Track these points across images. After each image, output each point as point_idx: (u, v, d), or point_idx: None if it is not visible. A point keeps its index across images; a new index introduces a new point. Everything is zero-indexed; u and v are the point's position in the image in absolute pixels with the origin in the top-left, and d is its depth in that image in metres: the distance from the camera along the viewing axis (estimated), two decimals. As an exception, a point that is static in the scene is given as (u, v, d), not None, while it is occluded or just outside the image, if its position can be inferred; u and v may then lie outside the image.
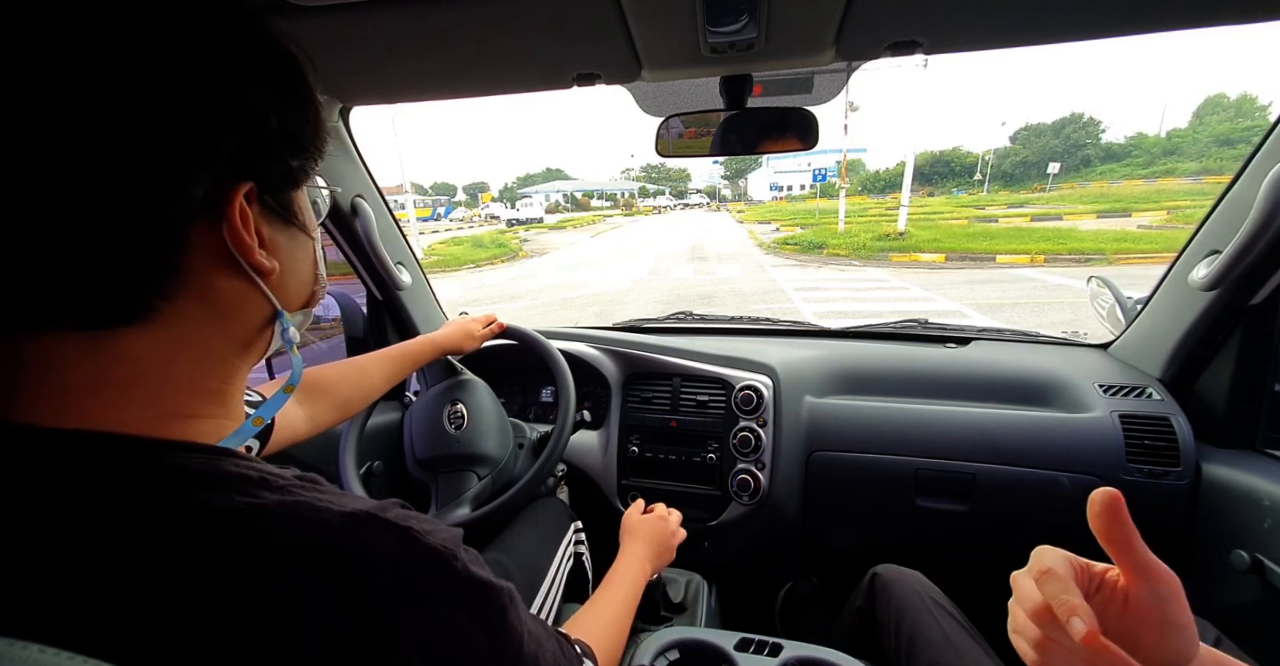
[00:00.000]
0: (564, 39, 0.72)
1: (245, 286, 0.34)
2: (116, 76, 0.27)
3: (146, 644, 0.25)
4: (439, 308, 1.48)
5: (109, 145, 0.27)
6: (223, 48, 0.31)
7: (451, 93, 0.92)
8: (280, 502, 0.30)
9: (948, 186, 39.88)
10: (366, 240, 1.16)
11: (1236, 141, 32.58)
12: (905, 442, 1.12)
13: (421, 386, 1.15)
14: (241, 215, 0.32)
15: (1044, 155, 37.81)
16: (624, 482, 1.27)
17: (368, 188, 1.17)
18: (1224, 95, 46.35)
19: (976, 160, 43.02)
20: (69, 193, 0.26)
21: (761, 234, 18.90)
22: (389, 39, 0.72)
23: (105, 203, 0.27)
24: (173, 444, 0.31)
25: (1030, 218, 18.13)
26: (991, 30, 0.71)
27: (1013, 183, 37.35)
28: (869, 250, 12.07)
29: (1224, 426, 1.00)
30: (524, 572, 0.89)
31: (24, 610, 0.25)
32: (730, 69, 0.81)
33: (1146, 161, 35.64)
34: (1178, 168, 31.47)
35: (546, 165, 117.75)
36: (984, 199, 26.97)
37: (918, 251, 11.39)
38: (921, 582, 0.89)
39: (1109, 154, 40.17)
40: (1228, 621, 0.75)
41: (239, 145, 0.31)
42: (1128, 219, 17.00)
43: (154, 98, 0.28)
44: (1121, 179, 32.10)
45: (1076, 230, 12.95)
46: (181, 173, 0.29)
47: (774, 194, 59.20)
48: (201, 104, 0.29)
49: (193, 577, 0.26)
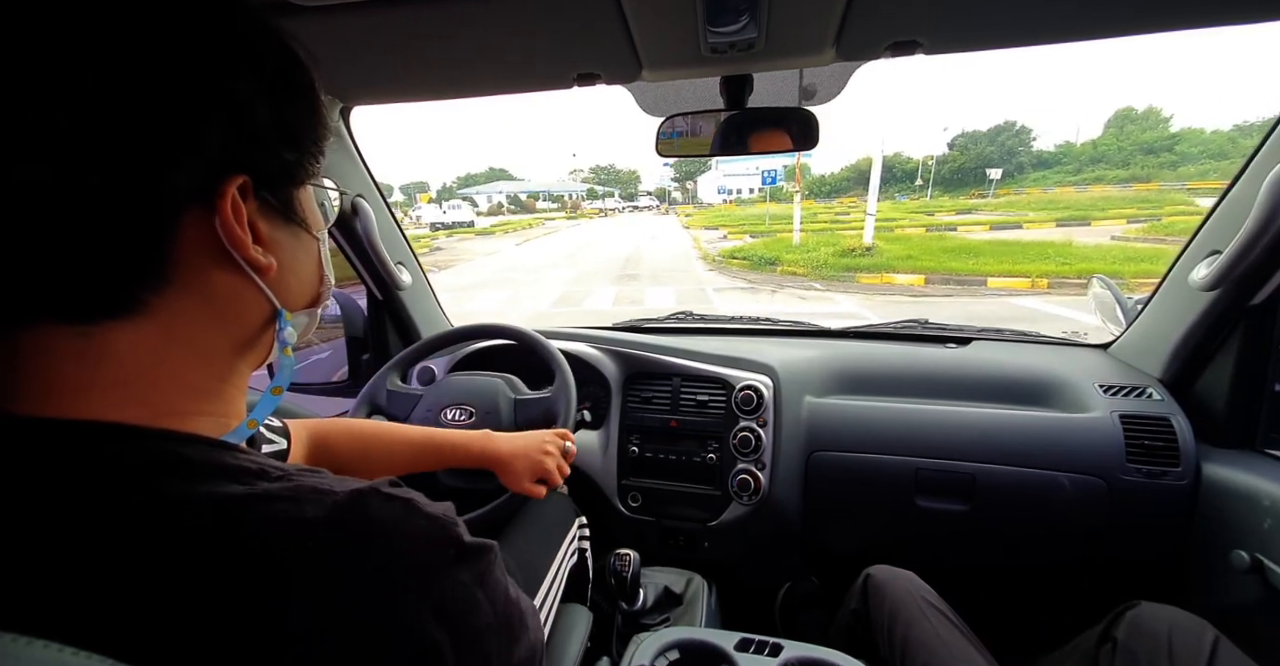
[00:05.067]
0: (564, 39, 0.72)
1: (241, 283, 0.34)
2: (94, 61, 0.27)
3: (157, 634, 0.25)
4: (439, 308, 1.48)
5: (87, 131, 0.26)
6: (207, 36, 0.30)
7: (452, 93, 0.92)
8: (283, 487, 0.30)
9: (891, 192, 40.64)
10: (367, 240, 1.16)
11: (1159, 150, 33.56)
12: (905, 443, 1.12)
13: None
14: (234, 208, 0.31)
15: (981, 161, 38.96)
16: (624, 482, 1.27)
17: (368, 187, 1.17)
18: (1132, 108, 48.13)
19: (918, 166, 43.89)
20: (46, 179, 0.26)
21: (708, 242, 16.68)
22: (389, 39, 0.72)
23: (84, 190, 0.27)
24: (175, 434, 0.31)
25: (990, 226, 16.68)
26: (991, 30, 0.71)
27: (953, 188, 38.19)
28: (831, 269, 9.88)
29: (1224, 426, 1.00)
30: (524, 569, 0.89)
31: (27, 604, 0.25)
32: (730, 69, 0.81)
33: (1076, 168, 36.84)
34: (1106, 175, 32.34)
35: (490, 165, 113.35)
36: (930, 204, 26.84)
37: (890, 272, 9.32)
38: (915, 583, 0.89)
39: (1040, 161, 41.65)
40: (1228, 621, 0.75)
41: (228, 136, 0.31)
42: (1088, 227, 15.75)
43: (132, 83, 0.27)
44: (1054, 185, 32.70)
45: (1073, 245, 10.84)
46: (162, 160, 0.29)
47: (723, 197, 58.18)
48: (182, 91, 0.29)
49: (202, 561, 0.27)
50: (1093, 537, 1.04)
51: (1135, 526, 1.01)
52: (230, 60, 0.31)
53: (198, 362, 0.34)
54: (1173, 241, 11.41)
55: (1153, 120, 40.40)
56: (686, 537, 1.25)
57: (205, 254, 0.32)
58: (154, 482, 0.28)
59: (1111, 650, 0.74)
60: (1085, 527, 1.03)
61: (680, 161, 54.23)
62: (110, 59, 0.27)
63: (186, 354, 0.33)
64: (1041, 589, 1.22)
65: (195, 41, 0.30)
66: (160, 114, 0.28)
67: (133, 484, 0.28)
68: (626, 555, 1.03)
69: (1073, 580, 1.16)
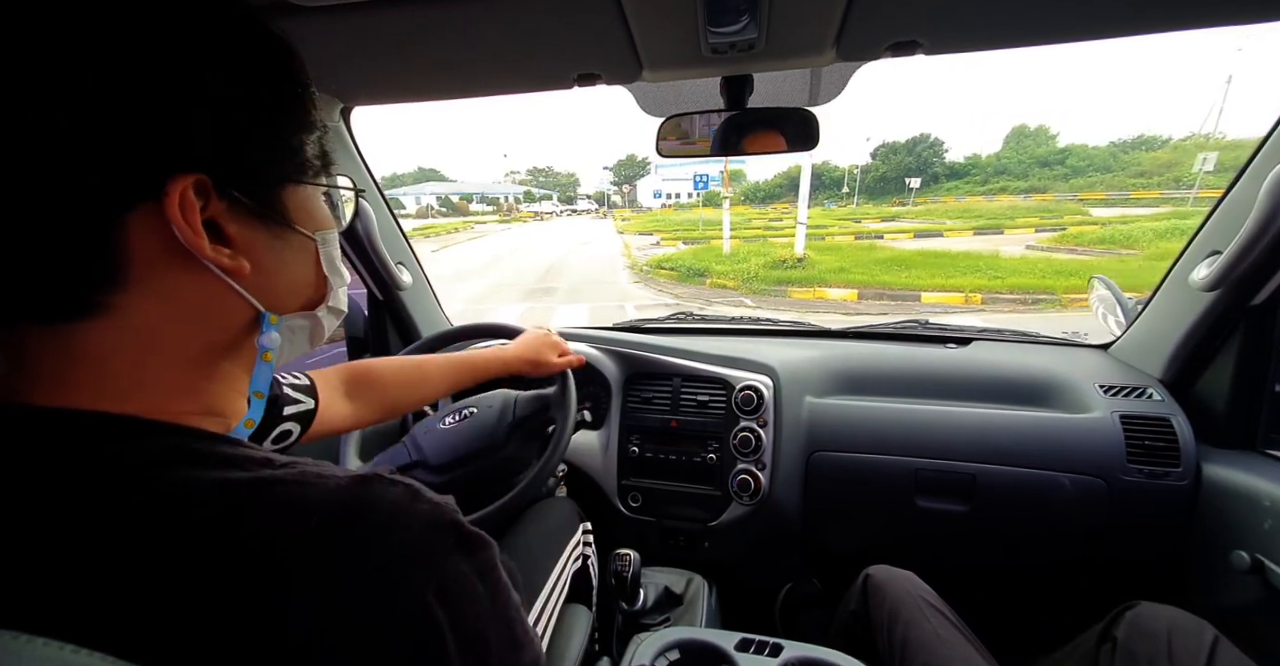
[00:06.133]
0: (565, 39, 0.72)
1: (214, 284, 0.33)
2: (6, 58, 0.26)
3: (162, 619, 0.25)
4: (440, 308, 1.48)
5: (5, 132, 0.26)
6: (147, 23, 0.28)
7: (452, 93, 0.92)
8: (287, 473, 0.30)
9: (820, 199, 42.50)
10: (367, 240, 1.16)
11: (1053, 163, 36.53)
12: (906, 443, 1.12)
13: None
14: (185, 208, 0.29)
15: (901, 171, 41.26)
16: (624, 482, 1.27)
17: (369, 187, 1.17)
18: (1026, 125, 51.75)
19: (844, 174, 45.98)
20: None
21: (639, 249, 16.09)
22: (390, 39, 0.72)
23: (13, 194, 0.26)
24: (179, 428, 0.31)
25: (914, 234, 17.14)
26: (992, 31, 0.71)
27: (876, 196, 40.59)
28: (762, 282, 9.50)
29: (1224, 427, 1.00)
30: (527, 573, 0.88)
31: (27, 600, 0.25)
32: (730, 69, 0.81)
33: (983, 179, 39.52)
34: (1010, 186, 34.91)
35: (420, 165, 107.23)
36: (857, 212, 27.85)
37: (823, 285, 9.02)
38: (914, 583, 0.89)
39: (953, 172, 44.38)
40: (1228, 621, 0.75)
41: (171, 135, 0.29)
42: (1001, 236, 16.43)
43: (48, 81, 0.26)
44: (965, 195, 34.82)
45: (1000, 258, 10.84)
46: (88, 163, 0.27)
47: (659, 201, 57.36)
48: (107, 86, 0.27)
49: (207, 546, 0.27)
50: (1093, 538, 1.04)
51: (1135, 526, 1.01)
52: (178, 52, 0.29)
53: (183, 363, 0.34)
54: (1084, 252, 11.75)
55: (1043, 137, 44.14)
56: (687, 538, 1.24)
57: (165, 256, 0.30)
58: (159, 472, 0.28)
59: (1111, 650, 0.74)
60: (1085, 528, 1.03)
61: (620, 165, 52.93)
62: (26, 56, 0.25)
63: (169, 355, 0.33)
64: (1041, 589, 1.22)
65: (129, 30, 0.28)
66: (84, 115, 0.27)
67: (138, 473, 0.28)
68: (626, 555, 1.03)
69: (1073, 580, 1.16)
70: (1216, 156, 20.93)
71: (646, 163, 56.17)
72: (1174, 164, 30.61)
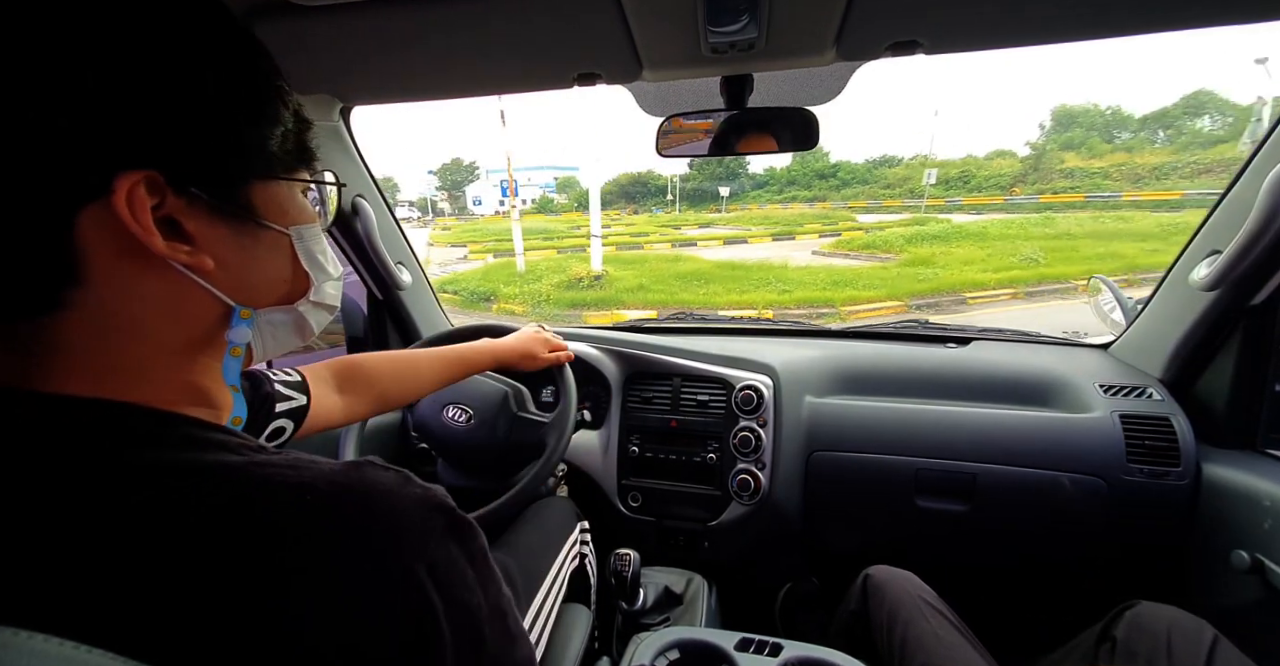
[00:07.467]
0: (564, 39, 0.72)
1: (179, 280, 0.32)
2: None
3: (160, 601, 0.25)
4: (440, 308, 1.48)
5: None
6: (83, 23, 0.27)
7: (452, 93, 0.92)
8: (281, 458, 0.31)
9: (648, 205, 45.20)
10: (367, 240, 1.16)
11: (828, 175, 41.55)
12: (906, 443, 1.12)
13: None
14: (135, 205, 0.29)
15: (714, 180, 44.80)
16: (624, 482, 1.27)
17: (368, 187, 1.17)
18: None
19: (666, 182, 49.63)
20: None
21: (441, 263, 14.96)
22: (389, 38, 0.72)
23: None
24: (173, 415, 0.32)
25: (724, 241, 17.81)
26: (992, 30, 0.71)
27: (696, 203, 44.07)
28: (554, 305, 8.87)
29: (1224, 426, 1.00)
30: (525, 572, 0.88)
31: (29, 593, 0.25)
32: (730, 69, 0.81)
33: (779, 189, 43.91)
34: (799, 195, 39.97)
35: None
36: (679, 218, 30.49)
37: (620, 306, 8.50)
38: (914, 583, 0.89)
39: (756, 182, 48.40)
40: (1228, 621, 0.75)
41: (116, 130, 0.28)
42: (793, 241, 17.02)
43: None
44: (766, 203, 39.26)
45: (789, 268, 10.96)
46: (29, 161, 0.27)
47: (482, 209, 53.65)
48: (49, 83, 0.26)
49: (203, 525, 0.27)
50: (1093, 537, 1.04)
51: (1135, 526, 1.01)
52: (121, 47, 0.28)
53: (168, 354, 0.34)
54: (854, 257, 12.30)
55: (819, 153, 47.85)
56: (686, 537, 1.25)
57: (121, 252, 0.30)
58: (155, 455, 0.29)
59: (1111, 649, 0.74)
60: (1085, 528, 1.03)
61: (446, 170, 51.99)
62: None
63: (150, 346, 0.33)
64: (1041, 589, 1.22)
65: (70, 25, 0.27)
66: (25, 114, 0.26)
67: (136, 457, 0.29)
68: (626, 555, 1.03)
69: (1073, 580, 1.16)
70: (936, 172, 28.14)
71: (475, 167, 55.32)
72: (908, 178, 35.67)
